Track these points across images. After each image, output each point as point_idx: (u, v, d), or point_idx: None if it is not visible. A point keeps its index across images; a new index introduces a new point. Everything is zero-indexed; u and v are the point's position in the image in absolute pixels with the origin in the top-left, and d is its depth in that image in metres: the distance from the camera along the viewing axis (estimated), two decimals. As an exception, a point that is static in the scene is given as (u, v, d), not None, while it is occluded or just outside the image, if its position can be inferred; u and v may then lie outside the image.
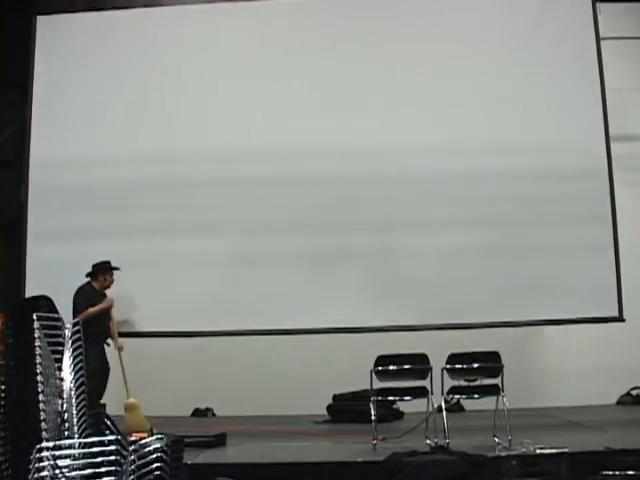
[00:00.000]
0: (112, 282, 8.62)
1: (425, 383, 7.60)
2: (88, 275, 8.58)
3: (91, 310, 8.38)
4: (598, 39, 9.21)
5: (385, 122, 9.02)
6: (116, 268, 8.60)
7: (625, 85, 10.40)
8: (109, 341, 8.63)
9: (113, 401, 8.24)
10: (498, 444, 7.14)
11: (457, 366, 7.60)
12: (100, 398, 8.30)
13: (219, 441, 7.77)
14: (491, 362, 7.59)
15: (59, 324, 5.33)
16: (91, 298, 8.50)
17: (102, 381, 8.37)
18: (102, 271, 8.59)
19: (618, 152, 9.37)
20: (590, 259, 8.86)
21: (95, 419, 5.44)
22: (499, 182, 8.90)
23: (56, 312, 5.40)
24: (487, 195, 8.88)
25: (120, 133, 9.19)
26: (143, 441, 4.97)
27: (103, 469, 4.86)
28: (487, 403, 7.75)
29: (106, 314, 8.57)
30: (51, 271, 8.77)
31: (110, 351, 8.56)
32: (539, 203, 8.90)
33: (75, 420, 5.18)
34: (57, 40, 9.40)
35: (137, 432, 8.06)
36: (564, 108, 9.07)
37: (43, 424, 4.97)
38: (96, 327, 8.32)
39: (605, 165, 9.04)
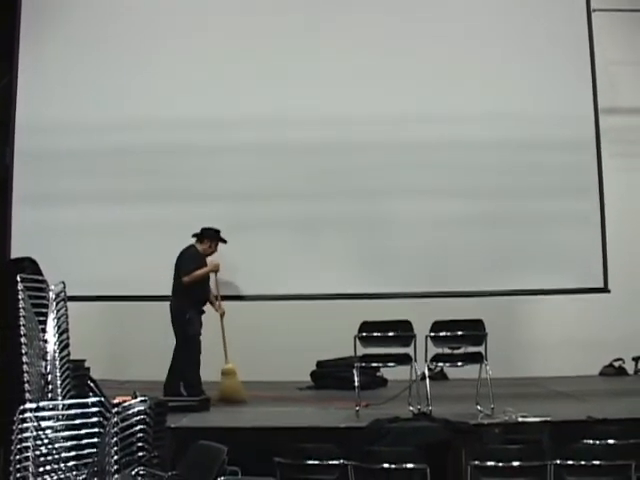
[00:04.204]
0: (215, 252, 8.46)
1: (409, 350, 7.62)
2: (195, 236, 8.43)
3: (197, 273, 8.26)
4: (589, 11, 9.18)
5: (374, 90, 8.98)
6: (224, 241, 8.46)
7: (615, 57, 10.38)
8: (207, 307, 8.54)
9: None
10: (481, 412, 7.18)
11: (441, 333, 7.62)
12: (193, 369, 8.26)
13: (203, 406, 7.80)
14: (475, 330, 7.62)
15: (43, 286, 5.32)
16: (197, 260, 8.36)
17: (196, 351, 8.29)
18: (210, 238, 8.42)
19: (606, 124, 9.39)
20: (576, 230, 8.89)
21: (79, 381, 5.45)
22: (487, 152, 8.90)
23: (40, 274, 5.39)
24: (474, 165, 8.88)
25: (107, 98, 9.12)
26: (126, 403, 4.99)
27: (86, 431, 4.88)
28: (470, 372, 7.78)
29: (207, 279, 8.46)
30: (37, 234, 8.74)
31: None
32: (527, 174, 8.91)
33: (59, 382, 5.19)
34: (43, 2, 9.31)
35: (232, 398, 8.21)
36: (553, 79, 9.06)
37: (26, 385, 4.98)
38: (197, 292, 8.31)
39: (593, 137, 9.06)
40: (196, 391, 8.13)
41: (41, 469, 4.66)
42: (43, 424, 4.74)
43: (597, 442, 5.95)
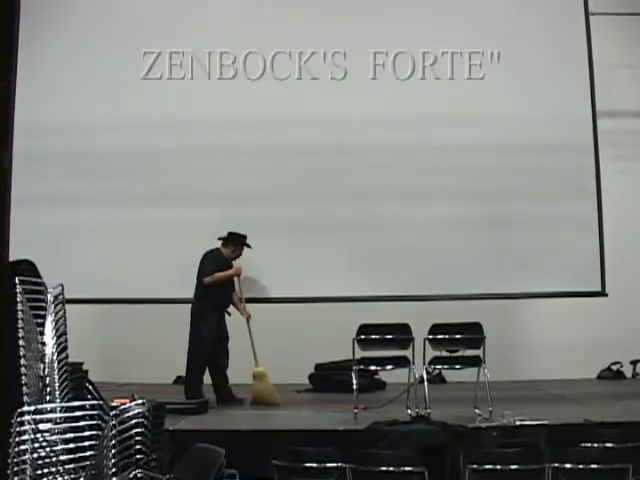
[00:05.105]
0: (239, 257, 8.50)
1: (407, 353, 7.63)
2: (221, 239, 8.49)
3: (218, 275, 8.30)
4: (587, 14, 9.20)
5: (370, 93, 8.99)
6: (249, 246, 8.50)
7: (613, 60, 10.39)
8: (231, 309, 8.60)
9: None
10: (479, 415, 7.19)
11: (439, 336, 7.64)
12: (221, 368, 8.37)
13: (201, 408, 7.80)
14: (473, 333, 7.63)
15: (41, 289, 5.31)
16: (219, 263, 8.39)
17: (219, 351, 8.36)
18: (236, 242, 8.48)
19: (604, 127, 9.39)
20: (574, 233, 8.91)
21: (77, 384, 5.44)
22: (485, 154, 8.91)
23: (39, 277, 5.38)
24: (472, 167, 8.89)
25: (105, 99, 9.11)
26: (124, 406, 4.98)
27: (84, 433, 4.87)
28: (468, 375, 7.79)
29: (230, 284, 8.49)
30: (35, 236, 8.74)
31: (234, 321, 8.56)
32: (524, 176, 8.93)
33: (57, 385, 5.17)
34: (42, 4, 9.30)
35: (264, 401, 8.27)
36: (551, 82, 9.08)
37: (24, 388, 4.96)
38: (218, 295, 8.33)
39: (591, 140, 9.06)
40: (194, 393, 8.14)
41: (39, 472, 4.65)
42: (41, 427, 4.73)
43: (594, 445, 5.93)
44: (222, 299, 8.44)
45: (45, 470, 4.66)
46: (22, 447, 4.63)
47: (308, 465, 5.74)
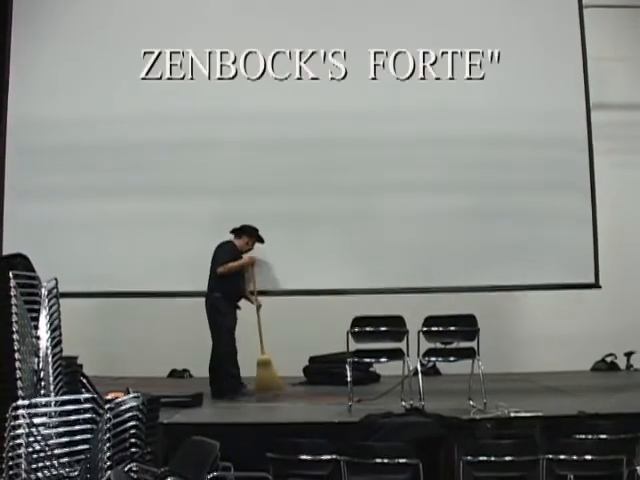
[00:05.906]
0: (251, 250, 8.58)
1: (401, 345, 7.63)
2: (233, 232, 8.55)
3: (231, 264, 8.38)
4: (581, 6, 9.20)
5: (370, 93, 8.99)
6: (262, 240, 8.58)
7: (607, 53, 10.39)
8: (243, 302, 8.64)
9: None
10: (473, 407, 7.19)
11: (433, 329, 7.63)
12: (231, 360, 8.36)
13: (195, 401, 7.80)
14: (467, 325, 7.64)
15: (35, 283, 5.31)
16: (233, 254, 8.47)
17: (231, 343, 8.39)
18: (249, 234, 8.55)
19: (598, 120, 9.40)
20: (568, 226, 8.92)
21: (71, 378, 5.45)
22: (480, 148, 8.92)
23: (33, 271, 5.38)
24: (467, 160, 8.90)
25: (100, 92, 9.09)
26: (119, 400, 5.00)
27: (79, 427, 4.88)
28: (463, 368, 7.80)
29: (242, 275, 8.54)
30: (29, 230, 8.73)
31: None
32: (519, 169, 8.94)
33: (51, 379, 5.18)
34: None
35: (267, 388, 8.35)
36: (545, 75, 9.08)
37: (19, 382, 4.97)
38: (231, 286, 8.39)
39: (585, 133, 9.08)
40: (237, 380, 8.28)
41: (34, 465, 4.66)
42: (36, 421, 4.74)
43: (589, 437, 5.98)
44: (234, 290, 8.47)
45: (40, 464, 4.67)
46: (17, 441, 4.65)
47: (303, 457, 5.77)
